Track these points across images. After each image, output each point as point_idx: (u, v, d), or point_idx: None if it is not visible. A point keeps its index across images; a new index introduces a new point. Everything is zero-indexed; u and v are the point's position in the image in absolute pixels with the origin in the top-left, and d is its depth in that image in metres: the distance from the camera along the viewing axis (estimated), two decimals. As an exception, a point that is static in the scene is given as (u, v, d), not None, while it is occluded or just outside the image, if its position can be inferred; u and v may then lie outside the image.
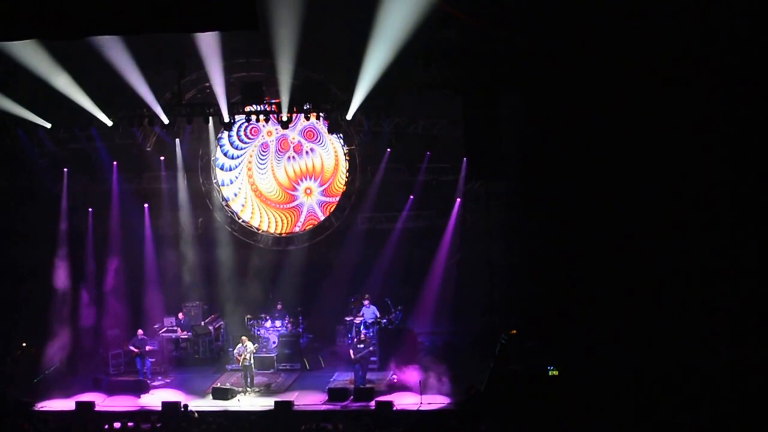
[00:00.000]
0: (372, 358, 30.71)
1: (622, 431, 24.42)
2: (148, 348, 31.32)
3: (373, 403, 28.17)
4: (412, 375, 29.16)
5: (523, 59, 29.00)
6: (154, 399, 29.40)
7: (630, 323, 27.07)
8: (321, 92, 32.35)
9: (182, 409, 27.34)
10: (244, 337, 30.74)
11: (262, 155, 36.20)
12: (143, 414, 27.74)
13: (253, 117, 32.36)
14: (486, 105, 30.31)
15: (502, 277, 31.25)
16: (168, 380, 31.78)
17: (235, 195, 36.55)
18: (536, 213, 29.95)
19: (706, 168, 26.62)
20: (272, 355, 32.28)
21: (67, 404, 29.12)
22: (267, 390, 30.29)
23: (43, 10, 15.04)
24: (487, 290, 31.33)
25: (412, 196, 34.15)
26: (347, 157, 35.24)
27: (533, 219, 30.13)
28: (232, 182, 36.49)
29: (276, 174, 36.18)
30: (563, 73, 28.21)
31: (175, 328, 33.52)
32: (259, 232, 36.41)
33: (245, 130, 35.98)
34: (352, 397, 28.77)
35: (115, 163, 34.84)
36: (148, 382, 30.79)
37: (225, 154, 36.28)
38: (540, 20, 27.84)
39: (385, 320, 32.48)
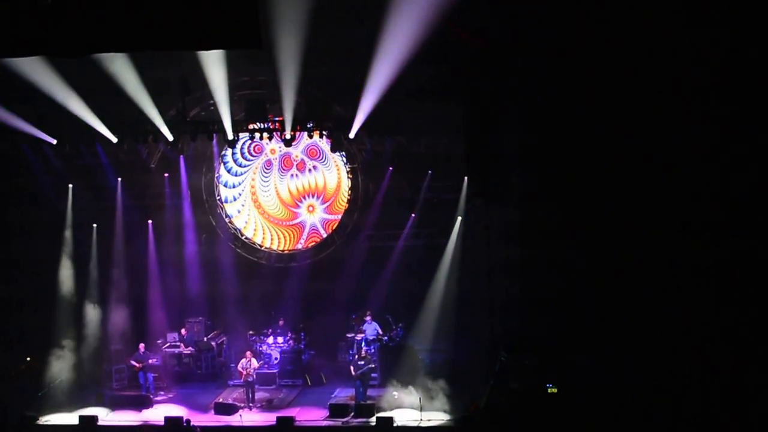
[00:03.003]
0: (373, 375, 30.86)
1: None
2: (150, 361, 31.52)
3: (373, 419, 28.35)
4: (412, 391, 29.30)
5: (525, 77, 29.19)
6: (156, 413, 29.58)
7: (629, 341, 27.20)
8: (324, 111, 32.61)
9: (185, 424, 27.52)
10: (248, 353, 30.91)
11: (265, 173, 36.38)
12: (146, 428, 27.94)
13: (257, 135, 32.54)
14: (488, 124, 30.51)
15: (502, 296, 31.37)
16: (171, 395, 31.93)
17: (239, 212, 36.72)
18: (537, 231, 30.06)
19: (717, 187, 26.71)
20: (274, 370, 32.46)
21: (70, 418, 29.35)
22: (269, 405, 30.46)
23: (49, 26, 15.27)
24: (488, 308, 31.47)
25: (413, 214, 34.31)
26: (350, 175, 35.42)
27: (534, 237, 30.24)
28: (235, 199, 36.66)
29: (279, 191, 36.36)
30: (565, 91, 28.38)
31: (178, 343, 33.71)
32: (262, 248, 36.55)
33: (249, 147, 36.14)
34: (353, 413, 28.94)
35: (119, 179, 35.02)
36: (151, 396, 30.96)
37: (229, 172, 36.47)
38: (542, 37, 28.01)
39: (386, 337, 32.63)
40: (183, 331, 34.17)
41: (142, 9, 15.27)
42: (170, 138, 32.27)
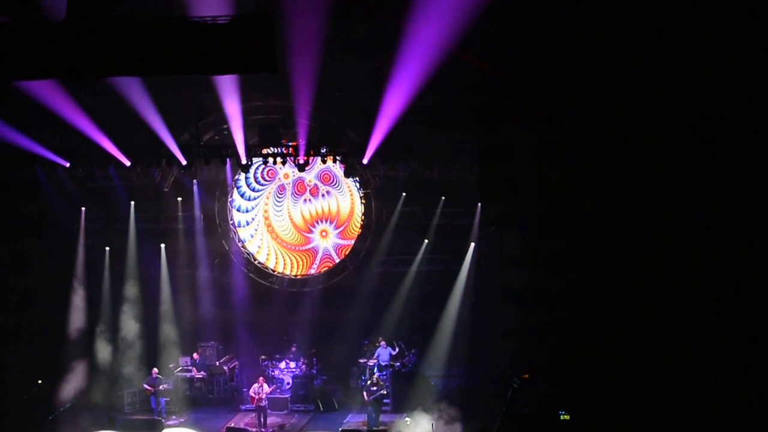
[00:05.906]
0: (385, 401, 30.76)
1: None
2: (162, 387, 31.45)
3: (386, 445, 28.31)
4: (424, 417, 29.19)
5: (538, 104, 29.18)
6: (168, 438, 29.58)
7: (643, 368, 27.10)
8: (338, 136, 32.66)
9: (196, 449, 27.51)
10: (261, 378, 30.82)
11: (278, 197, 36.40)
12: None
13: (270, 159, 32.64)
14: (501, 150, 30.53)
15: (516, 322, 31.30)
16: (182, 419, 31.79)
17: (252, 236, 36.72)
18: (550, 259, 30.01)
19: (736, 220, 26.62)
20: (286, 396, 32.38)
21: (81, 442, 29.33)
22: (281, 431, 30.36)
23: (65, 50, 15.32)
24: (501, 334, 31.41)
25: (426, 240, 34.31)
26: (363, 201, 35.43)
27: (547, 265, 30.19)
28: (248, 224, 36.67)
29: (292, 216, 36.37)
30: (578, 118, 28.36)
31: (190, 367, 33.62)
32: (275, 273, 36.52)
33: (262, 172, 36.21)
34: (364, 438, 28.88)
35: (132, 203, 35.05)
36: (163, 420, 30.84)
37: (242, 196, 36.48)
38: (555, 65, 28.00)
39: (398, 363, 32.58)
40: (195, 355, 34.10)
41: (158, 33, 15.33)
42: (184, 162, 32.30)
